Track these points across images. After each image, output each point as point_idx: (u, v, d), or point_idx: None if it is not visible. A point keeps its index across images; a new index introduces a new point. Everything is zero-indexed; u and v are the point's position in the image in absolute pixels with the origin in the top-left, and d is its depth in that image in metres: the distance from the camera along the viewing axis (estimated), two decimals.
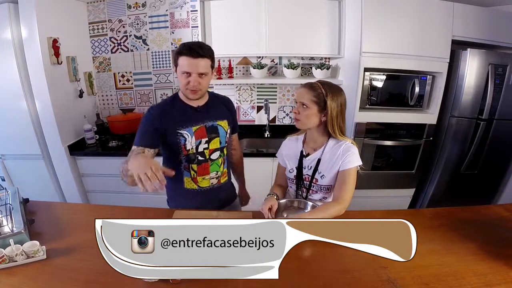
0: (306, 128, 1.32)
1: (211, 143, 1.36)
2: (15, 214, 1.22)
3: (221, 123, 1.39)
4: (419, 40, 2.17)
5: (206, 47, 1.24)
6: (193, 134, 1.32)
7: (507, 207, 1.41)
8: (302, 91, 1.26)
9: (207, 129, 1.35)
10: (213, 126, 1.36)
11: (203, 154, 1.36)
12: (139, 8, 2.64)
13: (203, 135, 1.34)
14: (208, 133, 1.35)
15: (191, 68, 1.21)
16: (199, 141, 1.33)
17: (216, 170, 1.41)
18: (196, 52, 1.20)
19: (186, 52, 1.20)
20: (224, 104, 1.45)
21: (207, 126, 1.35)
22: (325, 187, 1.32)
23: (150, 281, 0.92)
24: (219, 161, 1.41)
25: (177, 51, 1.24)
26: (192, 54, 1.20)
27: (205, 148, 1.35)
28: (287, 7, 2.33)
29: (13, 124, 2.29)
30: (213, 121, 1.36)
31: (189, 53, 1.20)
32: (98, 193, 2.57)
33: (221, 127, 1.38)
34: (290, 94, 2.80)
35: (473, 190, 2.49)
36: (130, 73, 2.81)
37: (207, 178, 1.40)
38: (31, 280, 0.97)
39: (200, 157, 1.35)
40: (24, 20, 2.05)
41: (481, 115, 2.24)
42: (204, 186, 1.41)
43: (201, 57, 1.21)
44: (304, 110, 1.24)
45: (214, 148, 1.38)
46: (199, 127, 1.33)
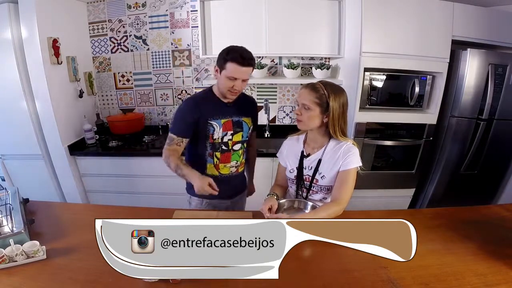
0: (308, 129, 1.31)
1: (235, 136, 1.49)
2: (15, 214, 1.22)
3: (245, 119, 1.51)
4: (419, 40, 2.17)
5: (253, 56, 1.34)
6: (221, 125, 1.44)
7: (507, 207, 1.42)
8: (304, 92, 1.25)
9: (233, 123, 1.47)
10: (239, 121, 1.49)
11: (226, 145, 1.48)
12: (139, 8, 2.64)
13: (229, 127, 1.46)
14: (234, 126, 1.48)
15: (240, 75, 1.32)
16: (225, 132, 1.46)
17: (236, 160, 1.54)
18: (248, 62, 1.30)
19: (239, 60, 1.29)
20: (250, 103, 1.59)
21: (234, 121, 1.47)
22: (326, 188, 1.32)
23: (150, 281, 0.92)
24: (239, 152, 1.54)
25: (227, 57, 1.30)
26: (243, 63, 1.29)
27: (229, 139, 1.48)
28: (287, 7, 2.33)
29: (13, 124, 2.29)
30: (239, 117, 1.49)
31: (241, 61, 1.29)
32: (98, 193, 2.57)
33: (245, 123, 1.51)
34: (290, 94, 2.80)
35: (473, 190, 2.49)
36: (130, 73, 2.81)
37: (228, 166, 1.52)
38: (31, 280, 0.97)
39: (224, 147, 1.48)
40: (24, 20, 2.05)
41: (481, 115, 2.24)
42: (224, 174, 1.53)
43: (249, 65, 1.32)
44: (306, 111, 1.24)
45: (237, 140, 1.50)
46: (227, 120, 1.45)
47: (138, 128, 2.72)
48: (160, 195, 2.43)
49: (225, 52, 1.33)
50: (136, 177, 2.45)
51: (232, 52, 1.30)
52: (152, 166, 2.35)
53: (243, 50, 1.32)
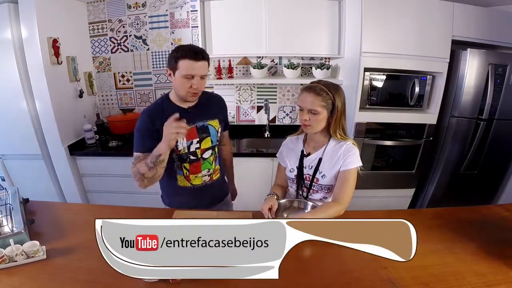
0: (316, 132, 1.30)
1: (202, 143, 1.38)
2: (15, 214, 1.22)
3: (211, 122, 1.40)
4: (419, 40, 2.17)
5: (204, 50, 1.26)
6: None
7: (507, 207, 1.41)
8: (308, 97, 1.23)
9: (198, 129, 1.36)
10: (204, 126, 1.38)
11: (195, 154, 1.37)
12: (139, 8, 2.64)
13: (193, 135, 1.35)
14: (199, 133, 1.36)
15: (196, 71, 1.21)
16: (191, 141, 1.35)
17: (208, 168, 1.43)
18: (200, 55, 1.21)
19: (190, 55, 1.20)
20: (215, 102, 1.47)
21: (198, 126, 1.36)
22: (326, 187, 1.32)
23: (150, 281, 0.92)
24: (210, 159, 1.43)
25: (177, 55, 1.21)
26: (196, 57, 1.20)
27: (196, 148, 1.37)
28: (287, 7, 2.33)
29: (13, 124, 2.29)
30: (204, 121, 1.38)
31: (193, 56, 1.20)
32: (98, 193, 2.57)
33: (211, 127, 1.40)
34: (290, 94, 2.80)
35: (473, 190, 2.49)
36: (130, 73, 2.81)
37: (199, 176, 1.42)
38: (31, 280, 0.97)
39: (192, 157, 1.37)
40: (24, 20, 2.05)
41: (481, 115, 2.24)
42: (196, 184, 1.43)
43: (204, 59, 1.23)
44: (314, 116, 1.23)
45: (206, 147, 1.39)
46: (190, 128, 1.31)
47: None
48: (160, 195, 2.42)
49: (174, 51, 1.24)
50: None
51: (182, 49, 1.22)
52: None
53: (193, 45, 1.28)
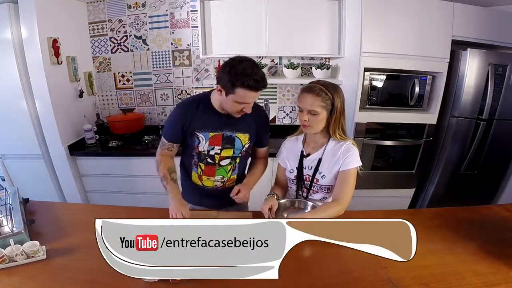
0: (315, 132, 1.30)
1: (223, 151, 1.35)
2: (15, 214, 1.22)
3: (240, 135, 1.34)
4: (419, 40, 2.17)
5: (264, 77, 1.16)
6: (208, 139, 1.32)
7: (507, 207, 1.41)
8: (307, 97, 1.22)
9: (223, 138, 1.33)
10: (231, 137, 1.34)
11: (213, 158, 1.36)
12: (139, 8, 2.64)
13: (217, 142, 1.33)
14: (224, 142, 1.33)
15: (251, 99, 1.19)
16: (212, 147, 1.34)
17: (222, 175, 1.40)
18: (262, 85, 1.15)
19: (252, 85, 1.12)
20: (255, 116, 1.35)
21: (225, 135, 1.33)
22: (326, 187, 1.32)
23: (150, 281, 0.92)
24: (227, 167, 1.40)
25: (237, 81, 1.12)
26: (257, 88, 1.14)
27: (216, 153, 1.35)
28: (287, 7, 2.33)
29: (13, 124, 2.29)
30: (233, 132, 1.33)
31: (255, 86, 1.12)
32: (98, 193, 2.57)
33: (238, 140, 1.35)
34: (290, 94, 2.80)
35: (473, 190, 2.49)
36: (130, 73, 2.81)
37: (212, 179, 1.41)
38: (31, 280, 0.97)
39: (209, 160, 1.37)
40: (24, 20, 2.05)
41: (481, 115, 2.24)
42: (207, 186, 1.43)
43: (264, 87, 1.17)
44: (313, 116, 1.23)
45: (225, 155, 1.36)
46: (216, 134, 1.31)
47: (138, 128, 2.72)
48: (160, 195, 2.39)
49: (232, 75, 1.12)
50: (136, 177, 2.45)
51: (243, 76, 1.10)
52: (152, 166, 2.31)
53: (254, 72, 1.12)
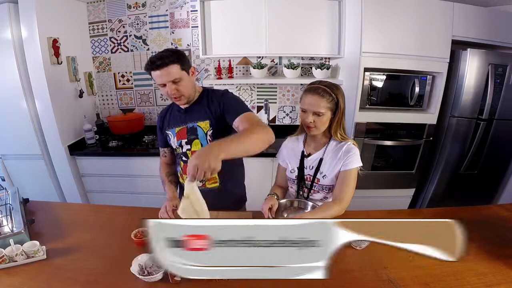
0: (320, 133, 1.30)
1: (193, 145, 1.35)
2: (15, 214, 1.22)
3: (201, 124, 1.34)
4: (419, 40, 2.17)
5: (166, 55, 1.21)
6: (175, 134, 1.39)
7: (507, 207, 1.42)
8: (312, 99, 1.22)
9: (187, 130, 1.36)
10: (193, 127, 1.36)
11: (186, 155, 1.37)
12: (139, 8, 2.64)
13: (183, 136, 1.37)
14: (188, 134, 1.36)
15: (161, 79, 1.22)
16: (180, 141, 1.38)
17: None
18: (156, 65, 1.20)
19: (150, 67, 1.22)
20: (213, 100, 1.33)
21: (188, 127, 1.36)
22: (327, 187, 1.32)
23: (150, 281, 0.92)
24: None
25: (145, 68, 1.25)
26: (156, 67, 1.20)
27: (187, 149, 1.36)
28: (287, 7, 2.33)
29: (13, 124, 2.29)
30: (194, 122, 1.35)
31: (153, 67, 1.21)
32: (98, 193, 2.57)
33: (200, 128, 1.34)
34: (290, 94, 2.80)
35: (473, 190, 2.49)
36: (130, 73, 2.81)
37: None
38: (31, 280, 0.97)
39: (184, 157, 1.38)
40: (24, 20, 2.05)
41: (481, 115, 2.24)
42: None
43: (165, 66, 1.20)
44: (319, 117, 1.24)
45: (196, 150, 1.30)
46: (181, 128, 1.38)
47: (138, 128, 2.72)
48: (160, 195, 2.40)
49: None
50: (136, 177, 2.45)
51: (147, 62, 1.23)
52: (152, 166, 2.34)
53: (154, 55, 1.24)
